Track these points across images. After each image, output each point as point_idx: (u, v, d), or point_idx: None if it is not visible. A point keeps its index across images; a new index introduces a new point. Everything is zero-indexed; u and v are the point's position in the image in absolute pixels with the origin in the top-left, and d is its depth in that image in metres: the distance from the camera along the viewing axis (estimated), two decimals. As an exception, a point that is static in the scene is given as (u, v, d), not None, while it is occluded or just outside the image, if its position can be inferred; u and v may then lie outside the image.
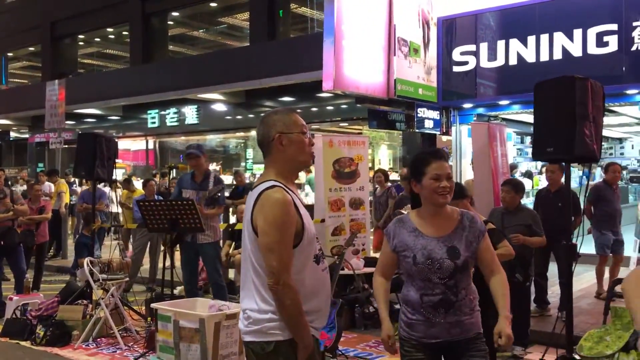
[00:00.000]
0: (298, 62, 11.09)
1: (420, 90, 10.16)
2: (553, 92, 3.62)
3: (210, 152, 17.47)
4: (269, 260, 2.14)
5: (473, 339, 2.54)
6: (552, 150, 3.58)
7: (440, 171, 2.54)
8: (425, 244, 2.55)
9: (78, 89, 14.54)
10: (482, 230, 2.59)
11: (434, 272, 2.52)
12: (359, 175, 7.83)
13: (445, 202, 2.56)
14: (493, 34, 10.00)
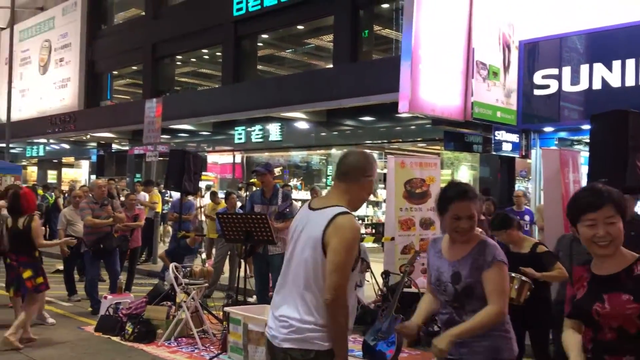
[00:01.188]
0: (377, 84, 11.41)
1: (498, 113, 10.15)
2: (608, 124, 3.71)
3: (292, 167, 18.13)
4: (334, 278, 2.32)
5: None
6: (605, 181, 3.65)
7: (461, 213, 2.62)
8: (440, 266, 2.72)
9: (173, 106, 15.64)
10: (489, 262, 2.60)
11: (441, 293, 2.68)
12: (430, 196, 7.98)
13: (461, 240, 2.66)
14: (577, 58, 9.85)
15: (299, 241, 2.51)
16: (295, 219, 2.65)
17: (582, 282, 2.30)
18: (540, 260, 4.51)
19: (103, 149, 21.81)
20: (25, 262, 6.00)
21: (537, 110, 10.46)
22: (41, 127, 21.56)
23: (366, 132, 14.14)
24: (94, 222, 7.27)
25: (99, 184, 7.75)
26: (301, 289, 2.43)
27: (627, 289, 2.15)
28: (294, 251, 2.54)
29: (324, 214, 2.44)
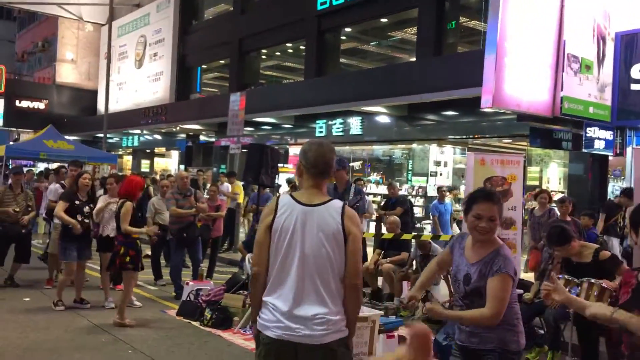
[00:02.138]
0: (461, 77, 11.10)
1: (590, 109, 9.61)
2: None
3: (374, 161, 18.08)
4: (357, 263, 2.63)
5: (493, 351, 2.81)
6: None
7: (483, 212, 2.82)
8: (459, 263, 2.97)
9: (257, 100, 16.02)
10: (494, 269, 2.78)
11: (455, 289, 3.00)
12: (512, 194, 7.71)
13: (481, 239, 2.86)
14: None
15: (306, 236, 2.58)
16: (286, 215, 2.63)
17: (627, 288, 2.37)
18: (604, 266, 4.37)
19: (191, 140, 22.73)
20: (120, 241, 6.41)
21: (635, 106, 9.80)
22: (135, 119, 22.79)
23: (449, 127, 13.83)
24: (177, 211, 7.62)
25: (182, 175, 8.10)
26: (325, 282, 2.57)
27: None
28: (300, 246, 2.59)
29: (331, 208, 2.64)
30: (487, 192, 3.03)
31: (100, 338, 5.90)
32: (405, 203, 9.60)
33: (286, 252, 2.61)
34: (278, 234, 2.63)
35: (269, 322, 2.62)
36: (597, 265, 4.41)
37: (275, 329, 2.59)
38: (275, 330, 2.59)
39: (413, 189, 14.67)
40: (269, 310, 2.64)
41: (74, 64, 31.34)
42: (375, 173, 17.18)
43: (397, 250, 8.36)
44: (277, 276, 2.63)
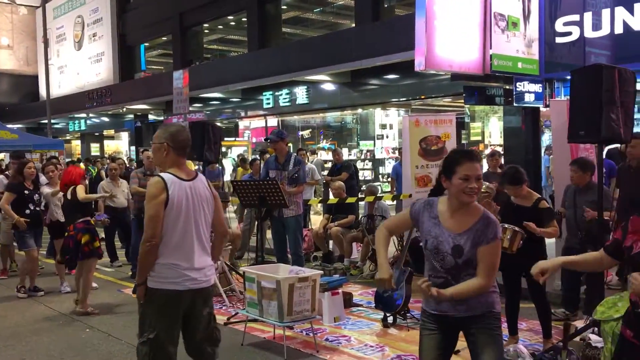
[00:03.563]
0: (398, 42, 11.41)
1: (519, 64, 10.06)
2: (584, 79, 3.80)
3: (323, 129, 18.37)
4: (222, 215, 3.49)
5: (482, 316, 2.72)
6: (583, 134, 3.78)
7: (471, 172, 2.65)
8: (438, 234, 2.73)
9: (202, 75, 16.00)
10: (489, 237, 2.68)
11: (438, 261, 2.74)
12: (446, 152, 8.12)
13: (470, 201, 2.69)
14: (598, 3, 9.63)
15: (195, 205, 3.22)
16: (177, 191, 3.15)
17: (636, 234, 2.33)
18: (540, 215, 4.66)
19: (140, 121, 22.49)
20: (83, 228, 6.44)
21: (561, 58, 10.30)
22: (80, 102, 22.36)
23: (391, 90, 14.19)
24: (137, 189, 7.69)
25: (147, 155, 8.16)
26: (207, 239, 3.28)
27: None
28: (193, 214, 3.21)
29: (201, 180, 3.31)
30: (467, 151, 2.90)
31: (58, 321, 6.09)
32: (350, 168, 9.95)
33: (184, 221, 3.17)
34: (175, 207, 3.13)
35: (174, 279, 3.16)
36: (534, 211, 4.62)
37: (183, 282, 3.18)
38: (183, 283, 3.17)
39: (362, 153, 15.07)
40: (170, 269, 3.16)
41: (10, 49, 30.25)
42: (325, 140, 17.50)
43: (344, 213, 8.72)
44: (178, 241, 3.17)
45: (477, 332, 2.73)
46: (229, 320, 5.69)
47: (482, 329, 2.73)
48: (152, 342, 3.17)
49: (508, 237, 4.46)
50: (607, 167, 7.01)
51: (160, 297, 3.16)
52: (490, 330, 2.73)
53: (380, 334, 5.32)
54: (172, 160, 3.22)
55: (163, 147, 3.21)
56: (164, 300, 3.16)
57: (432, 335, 2.80)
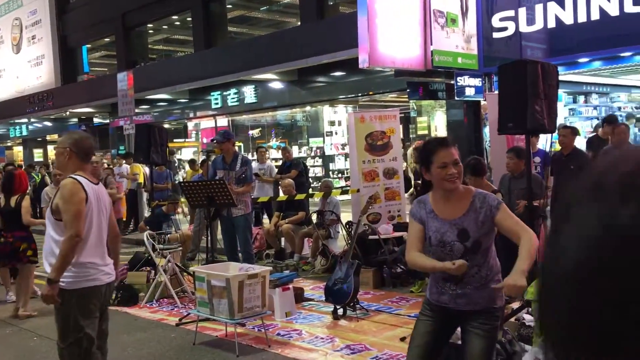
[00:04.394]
0: (343, 40, 11.57)
1: (459, 59, 10.40)
2: (511, 74, 4.04)
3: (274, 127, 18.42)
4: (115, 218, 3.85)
5: (480, 312, 2.69)
6: (511, 125, 4.02)
7: (447, 159, 2.65)
8: (439, 227, 2.71)
9: (148, 77, 15.76)
10: (494, 205, 2.67)
11: (447, 254, 2.68)
12: (392, 147, 8.35)
13: (453, 187, 2.68)
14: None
15: (102, 208, 3.44)
16: (90, 193, 3.35)
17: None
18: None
19: (85, 124, 21.93)
20: (22, 237, 6.36)
21: (499, 53, 10.69)
22: (20, 107, 21.64)
23: (338, 87, 14.35)
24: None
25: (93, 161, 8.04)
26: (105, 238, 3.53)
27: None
28: (100, 216, 3.44)
29: (101, 185, 3.61)
30: (440, 138, 2.92)
31: (5, 330, 5.96)
32: (299, 165, 10.06)
33: (97, 221, 3.41)
34: (90, 207, 3.31)
35: (93, 275, 3.36)
36: None
37: (100, 277, 3.41)
38: (100, 278, 3.40)
39: (311, 150, 15.20)
40: (89, 267, 3.35)
41: (-57, 54, 28.88)
42: (276, 138, 17.55)
43: (295, 210, 8.83)
44: (94, 240, 3.39)
45: (472, 330, 2.71)
46: (180, 321, 5.71)
47: (477, 328, 2.70)
48: (82, 341, 3.28)
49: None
50: (542, 156, 7.37)
51: (83, 295, 3.29)
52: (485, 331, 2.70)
53: (331, 326, 5.46)
54: (75, 166, 3.40)
55: (66, 152, 3.37)
56: (87, 298, 3.32)
57: (426, 322, 2.82)
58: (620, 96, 13.98)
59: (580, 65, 10.32)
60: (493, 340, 2.78)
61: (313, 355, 4.72)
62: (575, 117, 13.04)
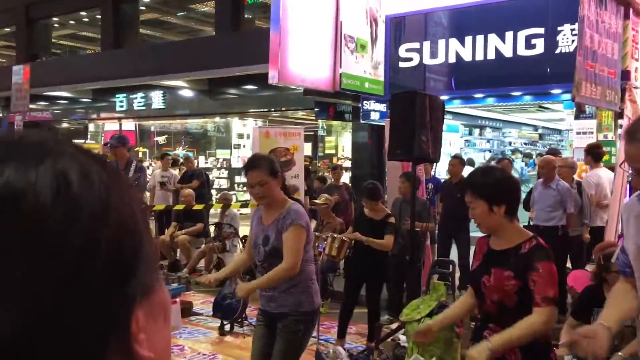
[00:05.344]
0: (256, 54, 11.61)
1: (366, 84, 10.73)
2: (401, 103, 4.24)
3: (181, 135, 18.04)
4: None
5: (287, 315, 3.03)
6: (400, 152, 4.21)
7: (252, 180, 3.01)
8: (257, 231, 3.13)
9: (48, 72, 14.96)
10: (288, 224, 2.97)
11: (256, 254, 3.13)
12: (294, 163, 8.43)
13: (261, 203, 3.10)
14: (436, 33, 10.61)
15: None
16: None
17: (479, 254, 2.45)
18: (384, 227, 5.00)
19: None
20: None
21: (404, 81, 11.15)
22: None
23: (248, 101, 14.34)
24: None
25: None
26: None
27: (510, 265, 2.25)
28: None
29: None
30: (249, 161, 3.15)
31: None
32: (202, 176, 9.90)
33: None
34: None
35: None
36: (381, 224, 4.96)
37: None
38: None
39: (218, 161, 15.02)
40: None
41: None
42: (181, 147, 17.19)
43: (193, 221, 8.66)
44: None
45: (279, 329, 3.06)
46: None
47: (282, 329, 3.05)
48: None
49: (336, 246, 4.77)
50: (434, 183, 7.74)
51: None
52: (287, 333, 3.04)
53: (216, 342, 5.38)
54: None
55: None
56: None
57: (259, 326, 3.21)
58: (511, 132, 15.00)
59: (476, 100, 10.98)
60: (295, 342, 3.08)
61: (193, 372, 4.62)
62: (470, 147, 13.83)
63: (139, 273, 0.44)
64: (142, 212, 0.47)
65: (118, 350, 0.43)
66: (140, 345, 0.45)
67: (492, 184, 2.33)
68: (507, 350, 2.22)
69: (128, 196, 0.46)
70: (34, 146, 0.44)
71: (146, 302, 0.46)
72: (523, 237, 2.33)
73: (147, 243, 0.46)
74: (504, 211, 2.29)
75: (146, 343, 0.46)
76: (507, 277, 2.25)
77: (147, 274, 0.46)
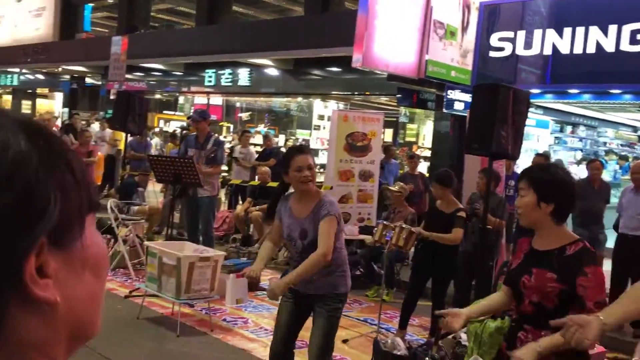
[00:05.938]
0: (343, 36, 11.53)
1: (453, 73, 10.42)
2: (483, 96, 4.05)
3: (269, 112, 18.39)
4: None
5: (324, 296, 3.17)
6: (477, 146, 4.03)
7: (302, 163, 3.08)
8: (290, 224, 3.21)
9: (144, 45, 15.61)
10: (323, 215, 3.07)
11: (292, 247, 3.24)
12: (371, 149, 8.35)
13: (305, 188, 3.11)
14: (532, 23, 10.07)
15: None
16: None
17: (520, 253, 2.42)
18: (454, 221, 4.85)
19: (77, 83, 21.72)
20: None
21: (493, 72, 10.71)
22: (14, 56, 21.34)
23: (332, 83, 14.32)
24: None
25: (44, 118, 7.99)
26: None
27: (553, 267, 2.21)
28: None
29: None
30: (298, 146, 3.48)
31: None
32: (279, 154, 10.04)
33: None
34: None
35: None
36: (451, 218, 4.82)
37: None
38: None
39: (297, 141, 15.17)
40: None
41: (-56, -9, 28.41)
42: (264, 124, 17.50)
43: (267, 198, 8.81)
44: None
45: (317, 310, 3.20)
46: (130, 293, 5.69)
47: (321, 308, 3.18)
48: None
49: (404, 237, 4.69)
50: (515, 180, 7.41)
51: None
52: (327, 311, 3.18)
53: (278, 319, 5.46)
54: None
55: None
56: None
57: (287, 303, 3.32)
58: (607, 132, 14.09)
59: (570, 95, 10.39)
60: (335, 321, 3.25)
61: (253, 345, 4.73)
62: (560, 145, 13.14)
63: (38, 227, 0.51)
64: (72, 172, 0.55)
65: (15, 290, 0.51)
66: (40, 288, 0.52)
67: (548, 180, 2.28)
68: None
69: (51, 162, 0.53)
70: None
71: (62, 253, 0.54)
72: (568, 239, 2.28)
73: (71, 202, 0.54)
74: (550, 210, 2.24)
75: (54, 289, 0.53)
76: (550, 279, 2.21)
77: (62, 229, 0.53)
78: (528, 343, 2.17)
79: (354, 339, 5.01)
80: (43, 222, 0.52)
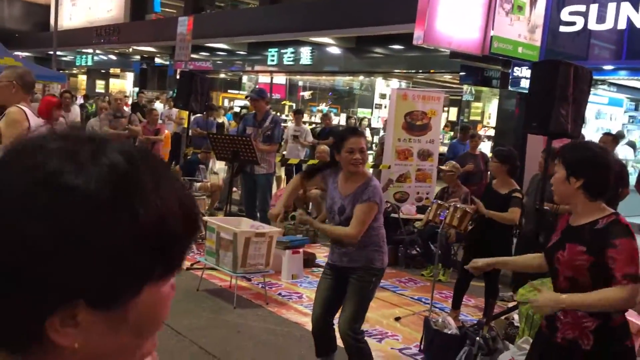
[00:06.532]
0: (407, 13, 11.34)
1: (520, 49, 10.04)
2: (542, 73, 3.89)
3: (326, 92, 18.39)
4: None
5: (359, 268, 3.27)
6: (535, 125, 3.90)
7: (355, 145, 3.15)
8: (333, 196, 3.34)
9: (209, 25, 15.93)
10: (364, 199, 3.16)
11: (330, 219, 3.43)
12: (431, 128, 8.23)
13: (355, 170, 3.20)
14: (606, -5, 9.55)
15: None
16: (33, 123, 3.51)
17: (559, 230, 2.45)
18: (509, 202, 4.72)
19: (146, 63, 22.47)
20: None
21: (563, 47, 10.26)
22: (87, 37, 22.29)
23: (394, 60, 14.15)
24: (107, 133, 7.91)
25: (115, 97, 8.32)
26: None
27: (584, 240, 2.23)
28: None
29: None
30: (352, 127, 3.54)
31: None
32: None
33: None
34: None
35: None
36: (506, 199, 4.69)
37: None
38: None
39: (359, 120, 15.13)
40: None
41: (24, -24, 29.93)
42: (325, 103, 17.53)
43: (326, 177, 8.89)
44: None
45: (351, 280, 3.29)
46: (191, 266, 5.92)
47: (355, 279, 3.28)
48: None
49: (458, 216, 4.63)
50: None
51: None
52: (359, 281, 3.27)
53: (332, 295, 5.55)
54: (20, 98, 3.61)
55: (12, 84, 3.60)
56: None
57: (326, 279, 3.45)
58: (687, 110, 13.24)
59: (647, 72, 9.82)
60: (367, 291, 3.32)
61: (306, 319, 4.82)
62: (635, 124, 12.48)
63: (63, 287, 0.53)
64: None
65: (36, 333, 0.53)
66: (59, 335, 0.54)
67: (577, 156, 2.34)
68: (579, 333, 2.23)
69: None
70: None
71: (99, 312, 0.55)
72: (601, 213, 2.29)
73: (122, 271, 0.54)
74: (579, 185, 2.27)
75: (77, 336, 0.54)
76: (579, 252, 2.23)
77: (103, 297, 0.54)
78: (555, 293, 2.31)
79: (406, 317, 5.03)
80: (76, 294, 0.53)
